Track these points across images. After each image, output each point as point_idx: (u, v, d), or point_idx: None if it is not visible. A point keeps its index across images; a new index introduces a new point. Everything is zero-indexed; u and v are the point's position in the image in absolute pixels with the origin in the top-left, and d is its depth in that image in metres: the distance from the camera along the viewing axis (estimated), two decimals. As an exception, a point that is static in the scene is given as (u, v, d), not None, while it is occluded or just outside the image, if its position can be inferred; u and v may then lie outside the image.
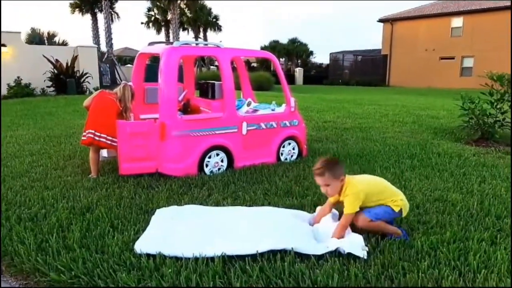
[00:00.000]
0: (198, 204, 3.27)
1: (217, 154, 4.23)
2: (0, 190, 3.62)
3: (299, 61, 43.72)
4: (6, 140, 5.82)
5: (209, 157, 4.17)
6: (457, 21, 28.68)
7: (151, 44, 4.56)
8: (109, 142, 3.94)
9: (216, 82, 4.41)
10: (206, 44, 4.37)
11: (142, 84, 4.75)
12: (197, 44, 4.19)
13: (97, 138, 3.90)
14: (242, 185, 3.80)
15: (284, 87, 4.80)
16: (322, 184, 2.74)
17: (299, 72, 34.00)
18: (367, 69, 33.95)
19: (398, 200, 2.74)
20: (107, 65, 21.63)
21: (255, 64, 38.97)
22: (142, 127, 3.85)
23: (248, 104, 5.26)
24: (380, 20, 33.42)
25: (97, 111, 3.98)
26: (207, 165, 4.17)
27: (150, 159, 3.92)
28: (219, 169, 4.26)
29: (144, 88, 4.74)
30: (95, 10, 28.85)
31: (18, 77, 15.66)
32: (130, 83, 4.11)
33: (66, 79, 15.79)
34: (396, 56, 32.38)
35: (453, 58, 28.87)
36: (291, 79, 32.89)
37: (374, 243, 2.55)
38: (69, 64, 16.17)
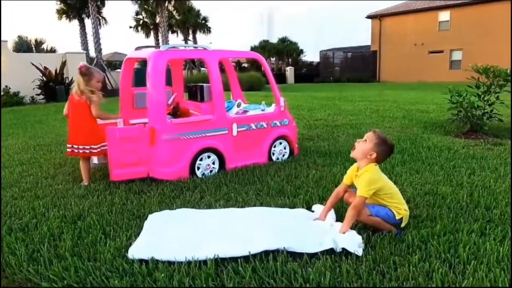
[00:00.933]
0: (191, 208, 3.27)
1: (209, 157, 4.23)
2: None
3: (289, 60, 43.79)
4: (-5, 150, 5.76)
5: (201, 160, 4.17)
6: (444, 15, 28.98)
7: (138, 48, 4.55)
8: (87, 151, 3.90)
9: (204, 85, 4.42)
10: (194, 47, 4.37)
11: (131, 89, 4.73)
12: (184, 47, 4.18)
13: (75, 151, 3.91)
14: (234, 186, 3.81)
15: (273, 86, 4.82)
16: (361, 140, 2.80)
17: (290, 71, 34.07)
18: (358, 66, 34.14)
19: (402, 209, 2.78)
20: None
21: (246, 65, 38.98)
22: (131, 132, 3.84)
23: (238, 105, 5.26)
24: (369, 17, 33.63)
25: (71, 120, 3.96)
26: (198, 168, 4.17)
27: (141, 164, 3.91)
28: (211, 171, 4.26)
29: (133, 93, 4.72)
30: (83, 16, 28.61)
31: (7, 86, 15.49)
32: (84, 63, 4.03)
33: (55, 86, 15.67)
34: (385, 52, 32.61)
35: (442, 51, 29.15)
36: (282, 78, 32.96)
37: (366, 239, 2.58)
38: (58, 71, 16.06)
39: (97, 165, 4.39)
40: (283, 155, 4.91)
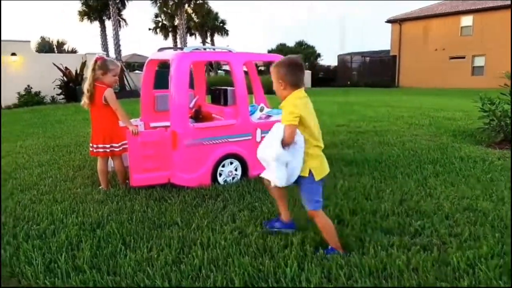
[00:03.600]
0: (213, 217, 3.11)
1: (231, 163, 4.07)
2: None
3: (306, 63, 43.55)
4: (15, 150, 5.73)
5: (223, 166, 4.00)
6: (466, 20, 28.27)
7: (160, 50, 4.43)
8: (108, 150, 3.73)
9: (228, 88, 4.26)
10: (218, 49, 4.22)
11: (152, 91, 4.61)
12: (208, 49, 4.04)
13: (95, 151, 3.76)
14: (258, 195, 3.63)
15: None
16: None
17: (307, 75, 33.79)
18: (376, 70, 33.63)
19: (312, 152, 2.40)
20: (104, 54, 21.64)
21: (262, 68, 38.92)
22: (153, 136, 3.71)
23: (261, 110, 5.09)
24: (388, 21, 33.12)
25: (91, 118, 3.82)
26: (220, 175, 4.01)
27: (161, 169, 3.77)
28: (233, 178, 4.09)
29: (154, 96, 4.60)
30: (103, 18, 29.01)
31: (28, 86, 15.75)
32: (101, 55, 3.85)
33: (75, 87, 15.82)
34: (405, 57, 32.05)
35: (463, 57, 28.44)
36: (299, 82, 32.65)
37: (406, 261, 2.36)
38: (78, 72, 16.23)
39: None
40: (307, 163, 4.70)
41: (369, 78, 32.22)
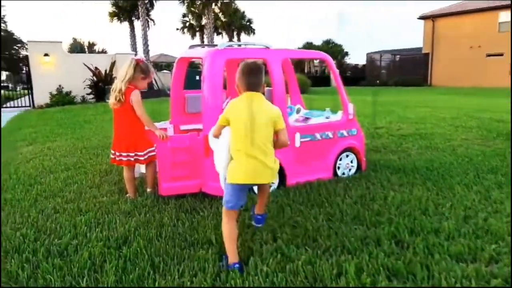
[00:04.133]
0: (251, 234, 2.75)
1: (268, 170, 3.70)
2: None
3: (334, 63, 42.69)
4: (43, 153, 5.59)
5: (258, 175, 3.64)
6: (505, 15, 26.72)
7: (192, 47, 4.11)
8: (132, 159, 3.42)
9: (265, 89, 3.89)
10: (252, 45, 3.84)
11: (182, 92, 4.31)
12: (243, 45, 3.68)
13: (117, 159, 3.47)
14: (299, 208, 3.25)
15: (341, 91, 4.21)
16: None
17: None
18: (407, 69, 32.46)
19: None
20: (145, 58, 21.74)
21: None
22: (184, 141, 3.39)
23: (298, 111, 4.71)
24: (421, 18, 31.89)
25: (114, 122, 3.55)
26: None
27: (193, 177, 3.45)
28: (270, 186, 3.72)
29: (184, 97, 4.30)
30: (132, 18, 29.41)
31: (60, 86, 15.96)
32: (143, 57, 3.58)
33: (104, 86, 15.90)
34: (438, 55, 30.73)
35: (501, 54, 26.91)
36: (326, 81, 32.03)
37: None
38: (107, 71, 16.31)
39: (145, 174, 3.98)
40: (350, 170, 4.28)
41: (399, 76, 31.11)
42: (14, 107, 15.88)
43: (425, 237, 2.70)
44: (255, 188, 3.50)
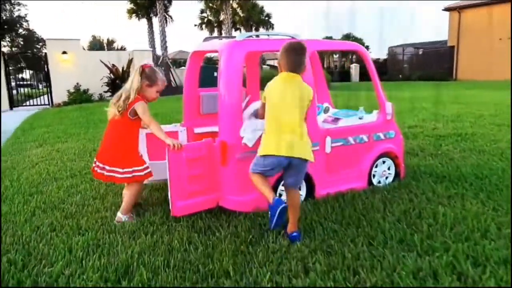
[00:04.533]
0: (277, 263, 2.27)
1: (294, 180, 3.21)
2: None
3: (353, 57, 41.68)
4: (51, 156, 5.26)
5: (283, 185, 3.16)
6: (538, 4, 25.22)
7: (207, 39, 3.64)
8: (129, 175, 2.90)
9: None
10: (276, 36, 3.33)
11: (197, 90, 3.85)
12: (267, 36, 3.18)
13: (106, 174, 2.92)
14: (332, 227, 2.75)
15: (377, 87, 3.67)
16: None
17: (355, 69, 32.12)
18: (431, 63, 31.20)
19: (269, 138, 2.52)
20: (162, 68, 21.55)
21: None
22: (200, 150, 2.89)
23: (326, 111, 4.19)
24: (446, 9, 30.57)
25: (108, 134, 3.07)
26: (280, 195, 3.17)
27: (210, 191, 2.97)
28: (300, 196, 3.23)
29: (199, 95, 3.84)
30: (150, 15, 29.25)
31: (78, 83, 15.85)
32: (150, 62, 3.05)
33: (121, 84, 15.68)
34: (464, 47, 29.35)
35: (534, 46, 25.43)
36: (346, 76, 31.13)
37: None
38: (124, 68, 16.09)
39: (155, 181, 3.54)
40: (386, 178, 3.75)
41: (423, 71, 29.90)
42: (34, 105, 15.85)
43: (494, 270, 2.16)
44: (283, 196, 3.03)
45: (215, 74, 17.60)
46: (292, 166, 2.50)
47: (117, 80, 15.96)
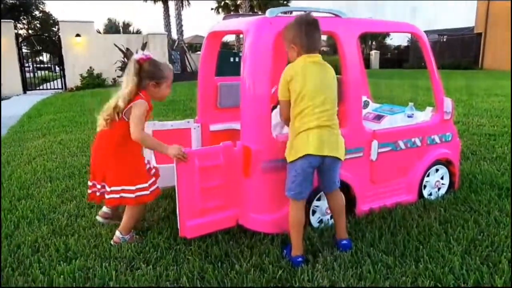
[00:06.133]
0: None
1: (331, 194, 2.61)
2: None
3: (373, 43, 40.27)
4: (51, 149, 4.75)
5: (318, 199, 2.56)
6: None
7: (227, 17, 3.02)
8: (133, 195, 2.28)
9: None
10: (316, 11, 2.64)
11: (213, 79, 3.24)
12: (303, 11, 2.53)
13: (108, 196, 2.32)
14: (383, 260, 2.14)
15: (434, 79, 3.00)
16: None
17: (375, 55, 30.96)
18: (455, 50, 29.73)
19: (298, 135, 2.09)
20: (178, 52, 20.95)
21: (324, 48, 36.33)
22: (217, 156, 2.30)
23: (365, 106, 3.53)
24: (475, -3, 28.98)
25: (100, 144, 2.46)
26: (314, 212, 2.57)
27: (228, 207, 2.39)
28: (331, 217, 2.64)
29: (216, 85, 3.23)
30: (166, -3, 28.53)
31: (91, 67, 15.39)
32: (147, 54, 2.35)
33: (135, 68, 15.16)
34: (492, 35, 27.76)
35: None
36: (366, 63, 30.08)
37: None
38: (138, 52, 15.55)
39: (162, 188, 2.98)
40: (439, 189, 3.11)
41: (447, 59, 28.47)
42: (48, 89, 15.51)
43: None
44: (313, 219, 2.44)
45: (232, 59, 16.83)
46: (325, 166, 2.13)
47: (130, 64, 15.46)
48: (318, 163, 2.10)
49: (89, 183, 2.42)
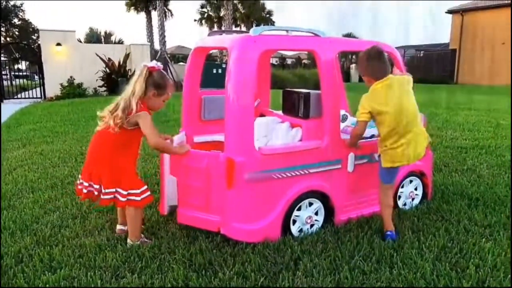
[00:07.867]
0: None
1: (310, 204, 2.72)
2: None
3: (353, 57, 41.30)
4: (32, 159, 4.71)
5: (298, 209, 2.67)
6: (542, 10, 24.85)
7: (212, 34, 3.13)
8: (124, 199, 2.40)
9: (312, 92, 2.86)
10: (296, 31, 2.77)
11: (198, 92, 3.33)
12: (286, 31, 2.65)
13: (104, 197, 2.42)
14: (360, 266, 2.25)
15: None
16: None
17: (354, 69, 31.73)
18: (431, 66, 30.80)
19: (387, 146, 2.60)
20: (160, 63, 20.92)
21: (306, 61, 37.04)
22: (201, 160, 2.40)
23: (344, 119, 3.68)
24: (449, 11, 30.18)
25: (98, 147, 2.54)
26: (294, 222, 2.68)
27: (210, 211, 2.49)
28: (311, 225, 2.75)
29: (200, 98, 3.32)
30: (150, 8, 28.59)
31: (71, 77, 15.22)
32: (158, 64, 2.53)
33: (117, 79, 15.08)
34: (466, 51, 28.99)
35: (537, 51, 25.07)
36: (346, 76, 30.75)
37: None
38: (121, 63, 15.50)
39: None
40: (413, 199, 3.27)
41: (423, 73, 29.43)
42: (26, 98, 15.22)
43: None
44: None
45: (215, 71, 17.03)
46: None
47: (112, 74, 15.38)
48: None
49: (81, 181, 2.45)
